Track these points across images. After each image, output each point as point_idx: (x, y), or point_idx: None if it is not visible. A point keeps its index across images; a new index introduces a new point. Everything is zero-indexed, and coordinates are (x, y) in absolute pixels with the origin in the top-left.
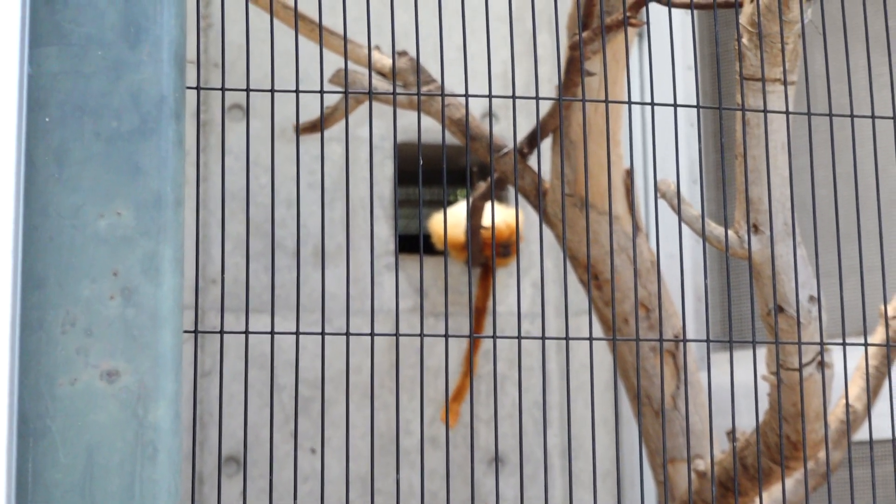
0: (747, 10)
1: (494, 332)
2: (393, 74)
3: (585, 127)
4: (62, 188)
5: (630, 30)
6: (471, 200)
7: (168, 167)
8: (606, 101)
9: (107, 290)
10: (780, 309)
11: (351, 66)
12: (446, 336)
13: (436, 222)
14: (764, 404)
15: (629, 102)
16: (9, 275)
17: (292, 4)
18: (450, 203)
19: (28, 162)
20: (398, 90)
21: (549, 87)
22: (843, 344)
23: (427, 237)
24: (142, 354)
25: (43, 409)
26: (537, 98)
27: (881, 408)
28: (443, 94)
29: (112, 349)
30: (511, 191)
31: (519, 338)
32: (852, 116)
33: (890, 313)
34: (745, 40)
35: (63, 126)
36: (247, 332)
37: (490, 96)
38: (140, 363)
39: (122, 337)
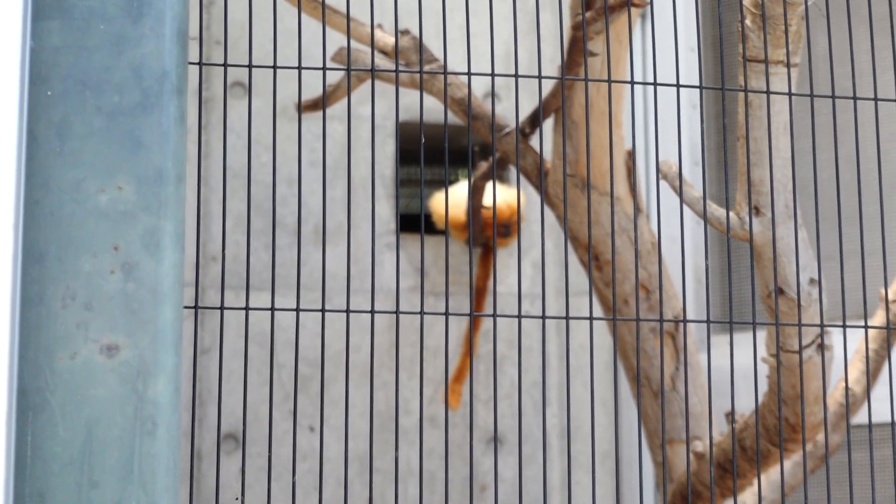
0: None
1: (495, 309)
2: (395, 53)
3: (588, 107)
4: (63, 162)
5: (633, 10)
6: (472, 180)
7: (169, 142)
8: (609, 81)
9: (107, 265)
10: (780, 291)
11: (353, 44)
12: (446, 314)
13: (437, 202)
14: (763, 386)
15: (632, 82)
16: (9, 249)
17: None
18: (451, 183)
19: (29, 136)
20: (400, 68)
21: (551, 67)
22: (844, 326)
23: (428, 217)
24: (142, 329)
25: (42, 383)
26: (539, 77)
27: (880, 391)
28: (445, 73)
29: (112, 324)
30: (512, 171)
31: (519, 316)
32: (855, 98)
33: (890, 297)
34: (748, 22)
35: (65, 100)
36: (247, 309)
37: (493, 74)
38: (140, 338)
39: (122, 312)
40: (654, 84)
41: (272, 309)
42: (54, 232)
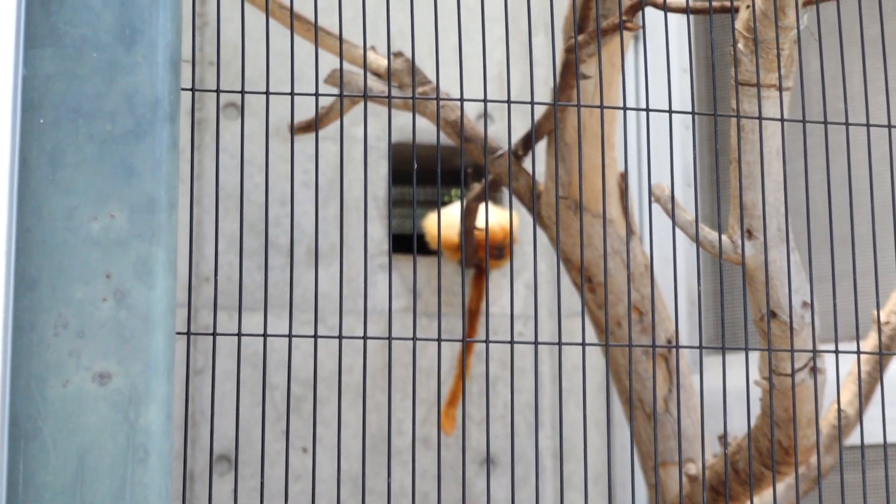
0: (743, 15)
1: (487, 334)
2: (388, 76)
3: (580, 130)
4: (56, 190)
5: (626, 33)
6: (465, 202)
7: (162, 170)
8: (602, 107)
9: (99, 293)
10: (773, 314)
11: (346, 66)
12: (439, 340)
13: (430, 223)
14: (756, 409)
15: (624, 108)
16: (1, 276)
17: (288, 4)
18: (444, 204)
19: (22, 164)
20: (393, 92)
21: (544, 89)
22: (836, 352)
23: (421, 237)
24: (134, 357)
25: (34, 410)
26: (532, 103)
27: (873, 413)
28: (438, 98)
29: (104, 351)
30: (505, 192)
31: (511, 342)
32: (847, 125)
33: (882, 319)
34: (740, 45)
35: (57, 128)
36: (239, 335)
37: (485, 101)
38: (132, 366)
39: (114, 339)
40: (647, 110)
41: (265, 335)
42: (46, 260)
